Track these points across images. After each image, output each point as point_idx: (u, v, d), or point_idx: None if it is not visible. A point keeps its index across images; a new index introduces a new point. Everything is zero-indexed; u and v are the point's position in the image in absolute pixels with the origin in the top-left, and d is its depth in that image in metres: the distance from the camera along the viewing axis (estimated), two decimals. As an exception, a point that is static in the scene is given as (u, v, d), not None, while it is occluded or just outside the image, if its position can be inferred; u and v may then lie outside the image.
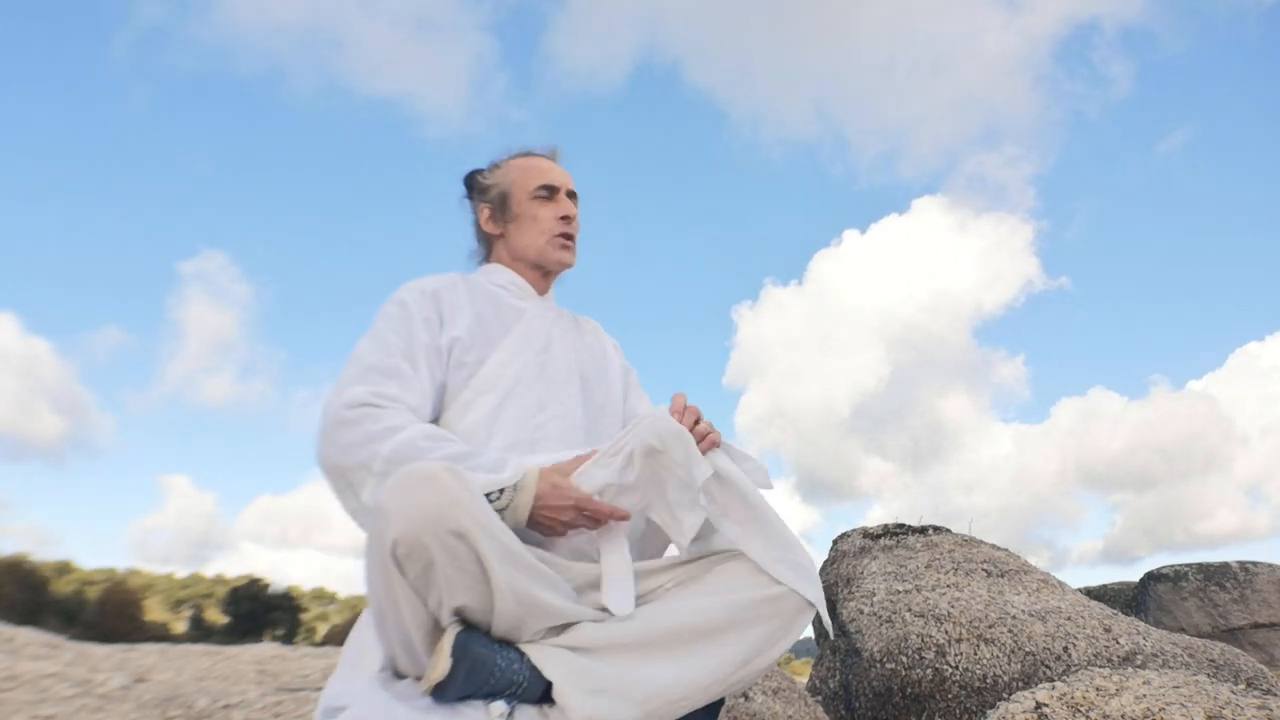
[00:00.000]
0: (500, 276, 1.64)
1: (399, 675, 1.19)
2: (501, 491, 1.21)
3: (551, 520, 1.24)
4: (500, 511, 1.19)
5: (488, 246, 1.70)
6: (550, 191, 1.62)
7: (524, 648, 1.16)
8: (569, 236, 1.63)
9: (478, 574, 1.08)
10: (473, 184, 1.70)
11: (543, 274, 1.66)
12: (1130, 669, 2.07)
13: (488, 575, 1.08)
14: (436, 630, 1.13)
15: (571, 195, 1.66)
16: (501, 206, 1.64)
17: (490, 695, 1.11)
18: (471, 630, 1.11)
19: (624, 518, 1.26)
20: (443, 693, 1.08)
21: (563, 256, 1.63)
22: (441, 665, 1.06)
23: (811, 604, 1.30)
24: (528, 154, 1.69)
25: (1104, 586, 7.77)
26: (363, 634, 1.27)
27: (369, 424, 1.26)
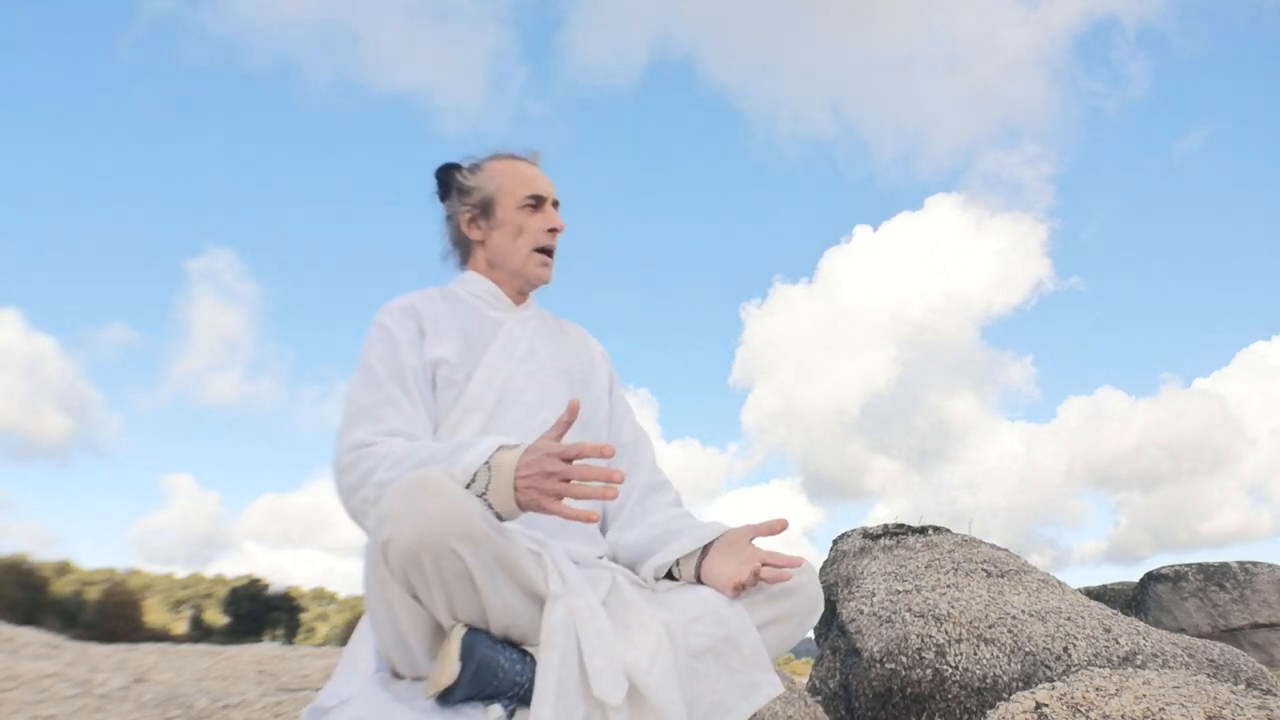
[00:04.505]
0: (476, 286, 1.60)
1: (397, 676, 1.19)
2: (475, 476, 1.15)
3: (539, 490, 1.12)
4: (483, 497, 1.13)
5: (465, 250, 1.64)
6: (538, 201, 1.57)
7: (530, 649, 1.15)
8: (549, 253, 1.59)
9: (470, 586, 1.08)
10: (450, 182, 1.62)
11: (518, 288, 1.62)
12: (1130, 669, 2.07)
13: (478, 588, 1.08)
14: (435, 631, 1.13)
15: (555, 205, 1.61)
16: (485, 211, 1.58)
17: (491, 697, 1.10)
18: (476, 631, 1.11)
19: (609, 454, 1.12)
20: (448, 696, 1.08)
21: (541, 274, 1.59)
22: (450, 669, 1.06)
23: None
24: (511, 157, 1.63)
25: (1104, 586, 7.77)
26: (359, 638, 1.27)
27: (365, 461, 1.28)
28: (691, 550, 1.37)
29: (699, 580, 1.36)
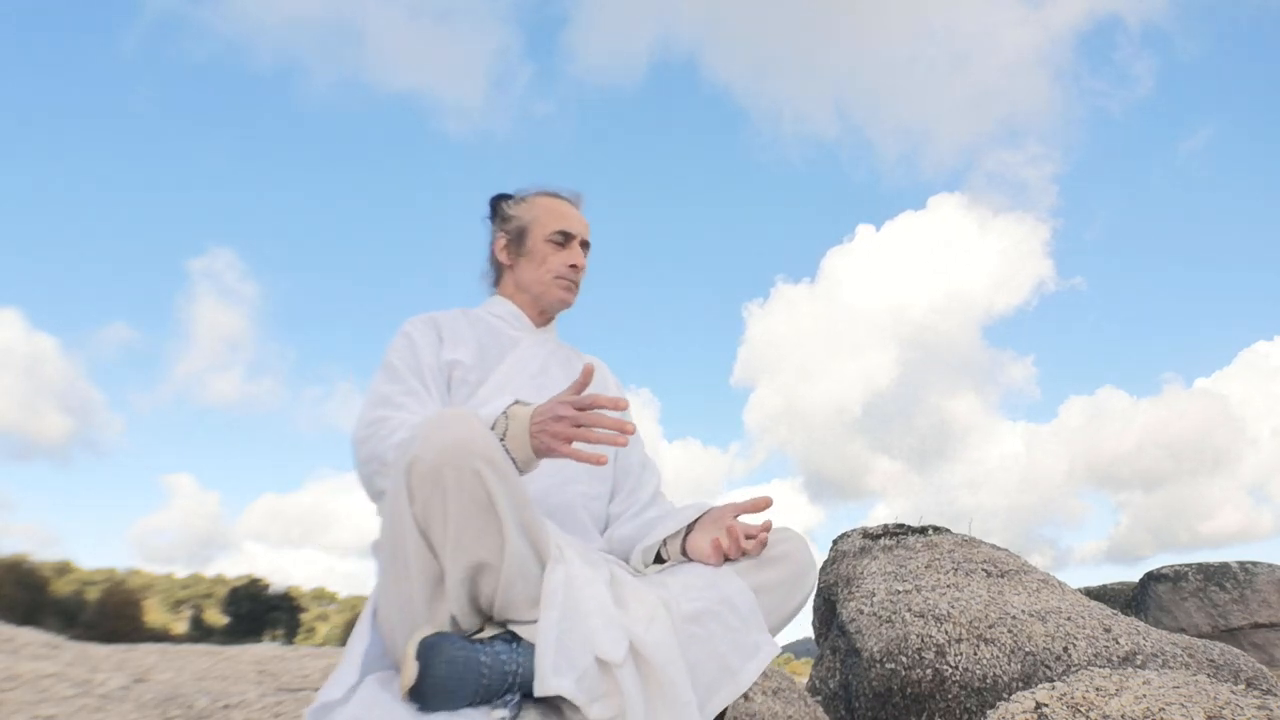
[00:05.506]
0: (499, 308, 1.72)
1: (398, 671, 1.18)
2: (494, 424, 1.23)
3: (550, 434, 1.20)
4: (502, 442, 1.20)
5: (497, 272, 1.77)
6: (565, 238, 1.69)
7: (518, 629, 1.15)
8: (573, 282, 1.71)
9: (489, 515, 1.10)
10: (496, 209, 1.76)
11: (541, 309, 1.73)
12: (1130, 669, 2.07)
13: (498, 514, 1.10)
14: (439, 589, 1.13)
15: (585, 245, 1.73)
16: (518, 240, 1.71)
17: (491, 696, 1.10)
18: (444, 634, 1.11)
19: (623, 407, 1.20)
20: (428, 700, 1.07)
21: (564, 296, 1.71)
22: (409, 670, 1.06)
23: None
24: (554, 195, 1.75)
25: (1104, 586, 7.78)
26: (358, 636, 1.27)
27: (382, 430, 1.36)
28: (676, 530, 1.43)
29: (685, 557, 1.42)
